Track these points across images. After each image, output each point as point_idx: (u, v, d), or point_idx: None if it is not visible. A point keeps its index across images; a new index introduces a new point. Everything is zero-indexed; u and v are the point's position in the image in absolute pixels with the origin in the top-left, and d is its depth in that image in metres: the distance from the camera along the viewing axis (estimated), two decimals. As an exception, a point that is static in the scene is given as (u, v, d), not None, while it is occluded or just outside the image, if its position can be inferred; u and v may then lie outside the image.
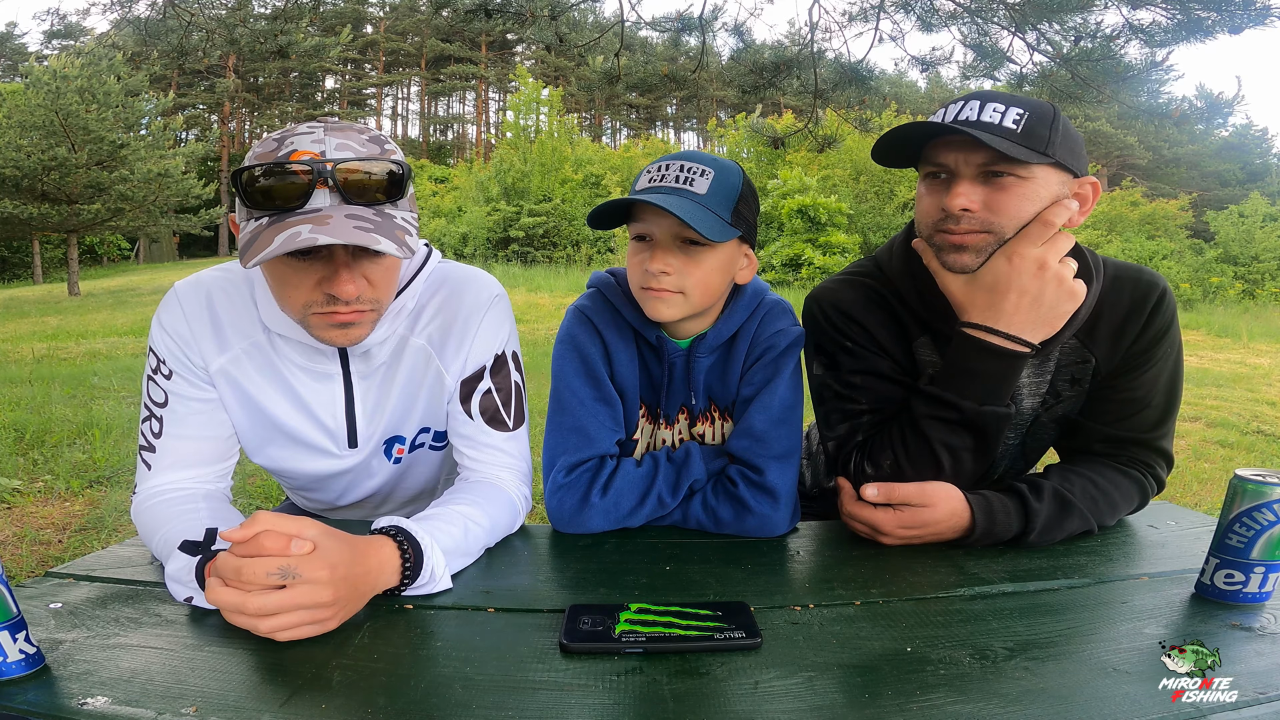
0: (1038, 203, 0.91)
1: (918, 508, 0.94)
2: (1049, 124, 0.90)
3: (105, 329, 8.93)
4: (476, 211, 18.56)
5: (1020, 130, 0.89)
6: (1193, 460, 3.77)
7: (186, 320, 0.95)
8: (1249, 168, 27.32)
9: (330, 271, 0.82)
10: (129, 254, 29.11)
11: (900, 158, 1.00)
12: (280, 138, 0.81)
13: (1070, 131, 0.93)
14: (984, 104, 0.91)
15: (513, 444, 1.05)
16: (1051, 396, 1.05)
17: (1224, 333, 9.63)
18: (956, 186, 0.92)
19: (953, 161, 0.92)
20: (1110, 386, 1.03)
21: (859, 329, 1.06)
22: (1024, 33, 3.27)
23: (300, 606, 0.67)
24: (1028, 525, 0.94)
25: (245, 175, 0.78)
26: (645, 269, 0.98)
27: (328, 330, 0.87)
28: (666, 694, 0.62)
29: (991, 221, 0.92)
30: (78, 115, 14.40)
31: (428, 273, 1.02)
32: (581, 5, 3.98)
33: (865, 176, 18.36)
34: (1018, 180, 0.90)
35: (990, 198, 0.91)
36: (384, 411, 1.04)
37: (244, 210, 0.81)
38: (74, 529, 2.61)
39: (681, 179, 0.97)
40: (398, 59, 45.09)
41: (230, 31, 3.79)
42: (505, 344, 1.05)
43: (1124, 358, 1.02)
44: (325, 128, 0.82)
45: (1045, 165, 0.90)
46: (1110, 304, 1.01)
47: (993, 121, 0.89)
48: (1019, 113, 0.90)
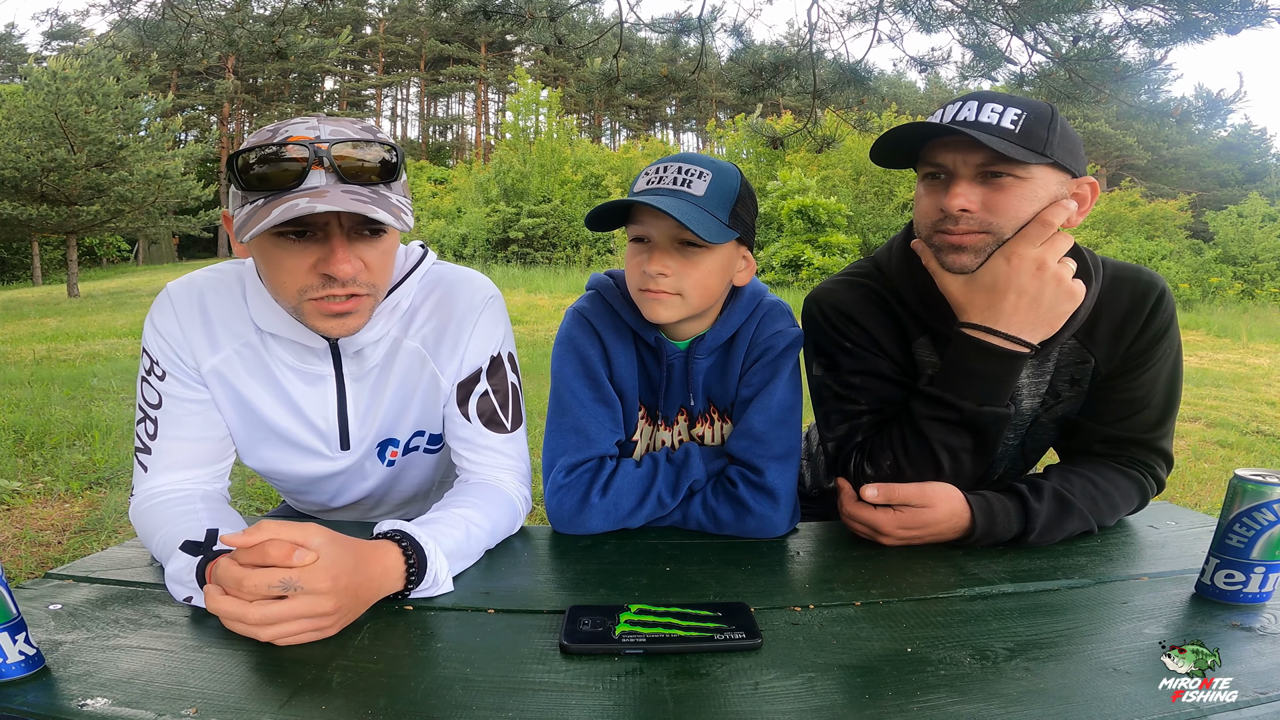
0: (1036, 203, 0.91)
1: (918, 508, 0.94)
2: (1047, 124, 0.90)
3: (104, 330, 8.93)
4: (476, 213, 18.57)
5: (1018, 130, 0.89)
6: (1193, 460, 3.77)
7: (178, 320, 0.95)
8: (1248, 168, 27.35)
9: (326, 252, 0.82)
10: (128, 255, 29.10)
11: (899, 159, 1.00)
12: (275, 128, 0.82)
13: (1068, 132, 0.93)
14: (982, 104, 0.91)
15: (511, 445, 1.05)
16: (1051, 397, 1.05)
17: (1223, 333, 9.64)
18: (955, 187, 0.92)
19: (951, 162, 0.92)
20: (1110, 387, 1.03)
21: (858, 330, 1.06)
22: (1022, 33, 3.27)
23: (301, 616, 0.68)
24: (1028, 526, 0.94)
25: (240, 159, 0.79)
26: (643, 271, 0.98)
27: (323, 320, 0.86)
28: (667, 695, 0.62)
29: (990, 222, 0.91)
30: (77, 116, 14.40)
31: (422, 273, 1.02)
32: (580, 6, 3.98)
33: (865, 177, 18.37)
34: (1016, 180, 0.90)
35: (989, 198, 0.91)
36: (377, 414, 1.04)
37: (239, 196, 0.82)
38: (73, 530, 2.61)
39: (679, 181, 0.97)
40: (397, 60, 45.10)
41: (229, 33, 3.79)
42: (501, 345, 1.05)
43: (1123, 358, 1.02)
44: (319, 118, 0.83)
45: (1043, 165, 0.90)
46: (1109, 304, 1.01)
47: (990, 122, 0.89)
48: (1017, 113, 0.89)
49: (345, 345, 0.97)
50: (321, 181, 0.79)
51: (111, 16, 4.60)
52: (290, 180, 0.78)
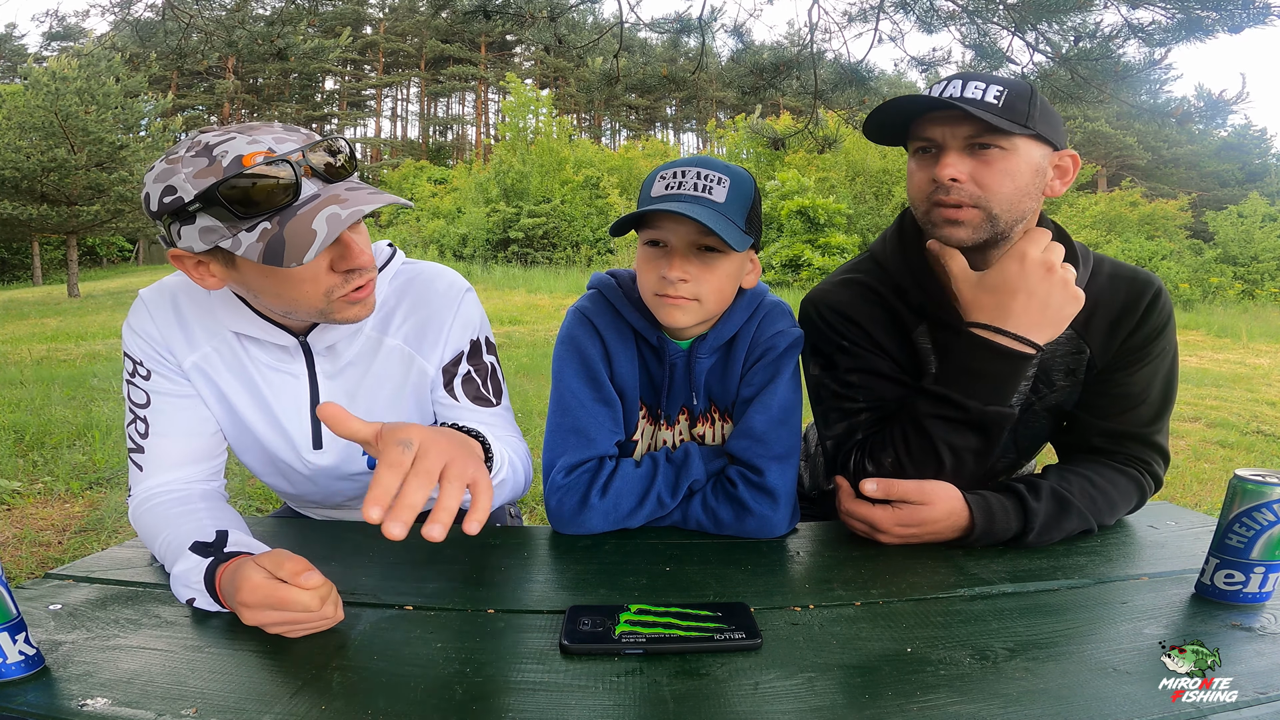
0: (1021, 177, 0.94)
1: (916, 505, 0.94)
2: (1028, 99, 0.94)
3: (105, 330, 8.93)
4: (476, 213, 18.56)
5: (1002, 105, 0.92)
6: (1192, 460, 3.77)
7: (155, 322, 0.96)
8: (1248, 168, 27.33)
9: (341, 250, 0.84)
10: (129, 255, 29.11)
11: (889, 135, 1.04)
12: (203, 153, 0.77)
13: (1048, 107, 0.97)
14: (966, 82, 0.95)
15: (500, 418, 1.09)
16: (1045, 385, 1.07)
17: (1223, 333, 9.64)
18: (945, 157, 0.95)
19: (940, 135, 0.96)
20: (1106, 381, 1.05)
21: (855, 328, 1.07)
22: (1024, 33, 3.27)
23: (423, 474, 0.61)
24: (1026, 525, 0.94)
25: (223, 190, 0.75)
26: (663, 276, 0.97)
27: (352, 309, 0.89)
28: (667, 695, 0.62)
29: (979, 195, 0.95)
30: (77, 116, 14.39)
31: (393, 271, 1.04)
32: (580, 6, 3.98)
33: (862, 178, 18.37)
34: (1001, 152, 0.93)
35: (976, 170, 0.94)
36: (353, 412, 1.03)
37: (222, 228, 0.77)
38: (74, 530, 2.61)
39: (700, 187, 0.96)
40: (397, 60, 45.12)
41: (229, 33, 3.79)
42: (479, 331, 1.09)
43: (1119, 352, 1.04)
44: (242, 130, 0.80)
45: (1026, 137, 0.94)
46: (1106, 299, 1.03)
47: (975, 97, 0.93)
48: (999, 89, 0.93)
49: (314, 342, 0.98)
50: (315, 189, 0.80)
51: (111, 17, 4.57)
52: (288, 194, 0.78)
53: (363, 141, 45.14)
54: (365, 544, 0.97)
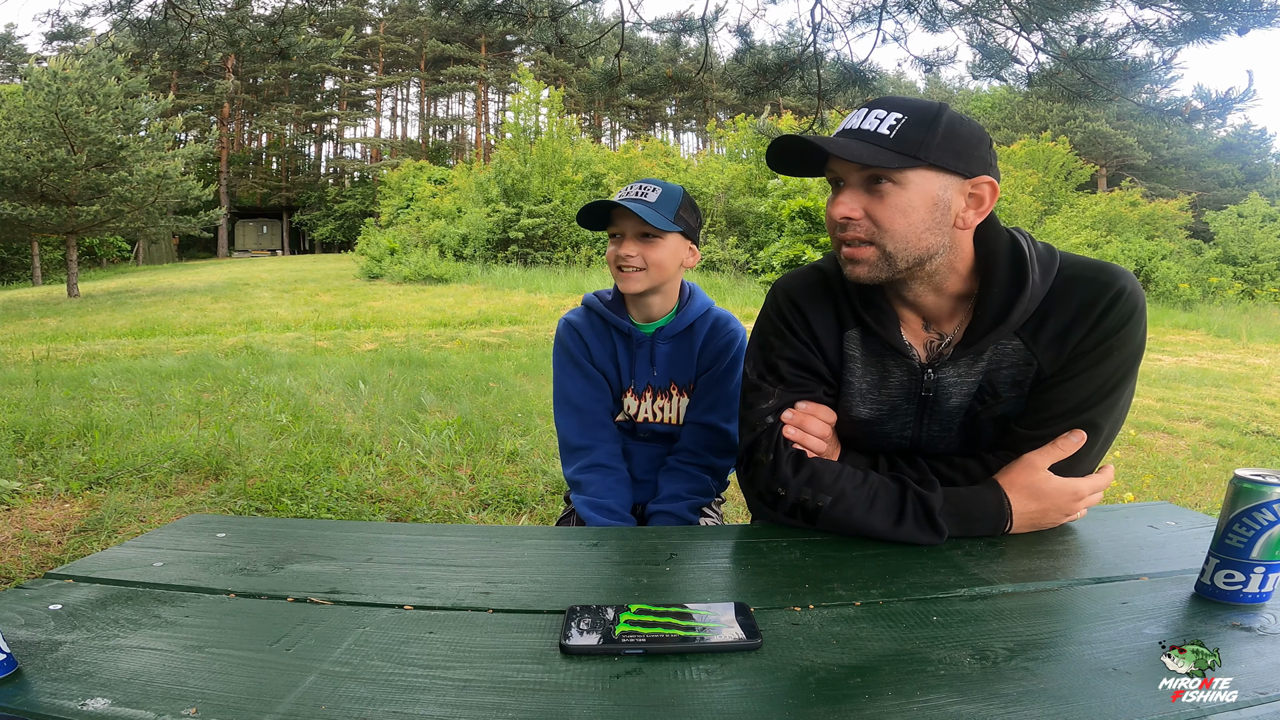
0: (915, 212, 0.91)
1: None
2: (926, 127, 0.89)
3: (104, 330, 8.92)
4: (476, 213, 18.53)
5: (893, 136, 0.89)
6: (1193, 460, 3.77)
7: None
8: (1248, 168, 27.30)
9: None
10: (128, 255, 29.06)
11: (807, 169, 1.00)
12: None
13: (956, 132, 0.90)
14: (870, 111, 0.92)
15: None
16: (991, 397, 1.02)
17: (1223, 333, 9.64)
18: (839, 195, 0.95)
19: (840, 170, 0.95)
20: (1041, 386, 0.99)
21: (800, 317, 1.08)
22: (1029, 32, 3.26)
23: None
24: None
25: None
26: (617, 254, 1.40)
27: None
28: (667, 695, 0.62)
29: (874, 231, 0.93)
30: (77, 116, 14.37)
31: None
32: (582, 6, 3.97)
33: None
34: (894, 187, 0.90)
35: (870, 206, 0.92)
36: None
37: None
38: (73, 530, 2.61)
39: (638, 192, 1.40)
40: (397, 60, 45.06)
41: (230, 33, 3.79)
42: None
43: (1069, 359, 0.97)
44: None
45: (919, 169, 0.90)
46: (1059, 305, 0.96)
47: (870, 129, 0.90)
48: (897, 117, 0.90)
49: None
50: None
51: (112, 17, 4.56)
52: None
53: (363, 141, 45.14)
54: (365, 544, 0.98)
